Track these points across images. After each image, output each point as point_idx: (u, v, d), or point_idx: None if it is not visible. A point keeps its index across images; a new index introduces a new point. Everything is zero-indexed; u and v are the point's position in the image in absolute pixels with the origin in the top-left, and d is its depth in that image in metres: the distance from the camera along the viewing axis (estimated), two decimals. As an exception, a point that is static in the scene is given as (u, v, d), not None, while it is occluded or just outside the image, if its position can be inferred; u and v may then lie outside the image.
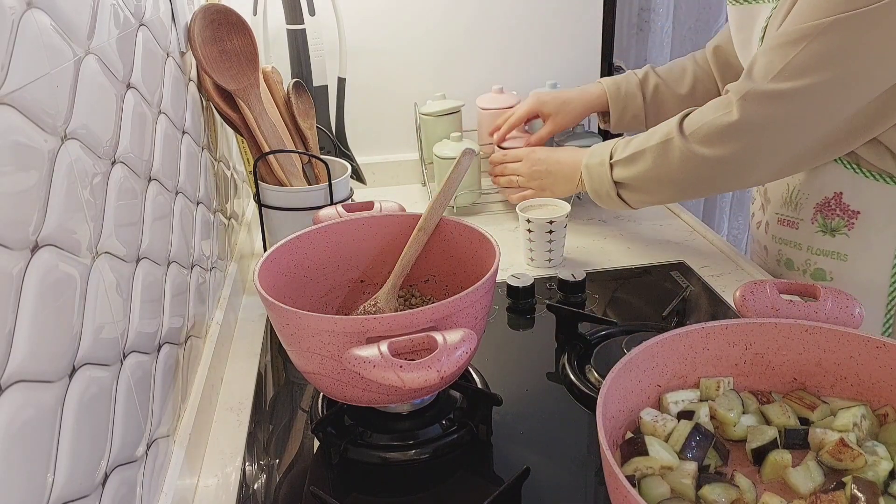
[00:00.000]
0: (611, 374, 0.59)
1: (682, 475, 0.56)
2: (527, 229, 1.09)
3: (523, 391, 0.82)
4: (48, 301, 0.45)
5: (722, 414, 0.63)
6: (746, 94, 0.85)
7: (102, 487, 0.51)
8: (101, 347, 0.53)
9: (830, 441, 0.59)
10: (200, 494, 0.70)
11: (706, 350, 0.66)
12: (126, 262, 0.60)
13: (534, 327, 0.96)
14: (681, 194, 0.98)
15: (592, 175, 1.04)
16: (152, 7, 0.78)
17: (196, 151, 0.91)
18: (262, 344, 0.94)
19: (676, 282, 1.04)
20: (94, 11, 0.59)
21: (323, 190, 1.03)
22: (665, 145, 0.94)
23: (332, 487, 0.69)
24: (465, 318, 0.66)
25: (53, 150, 0.48)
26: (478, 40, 1.44)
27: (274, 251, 0.76)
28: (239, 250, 1.12)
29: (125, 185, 0.62)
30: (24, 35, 0.46)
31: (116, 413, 0.55)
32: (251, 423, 0.79)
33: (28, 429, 0.42)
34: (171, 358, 0.71)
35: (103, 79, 0.59)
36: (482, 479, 0.70)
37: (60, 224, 0.48)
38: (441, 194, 0.79)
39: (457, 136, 1.28)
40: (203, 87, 1.00)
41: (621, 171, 1.00)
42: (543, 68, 1.48)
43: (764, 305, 0.68)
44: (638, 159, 0.97)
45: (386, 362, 0.56)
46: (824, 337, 0.65)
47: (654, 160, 0.95)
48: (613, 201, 1.03)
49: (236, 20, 1.01)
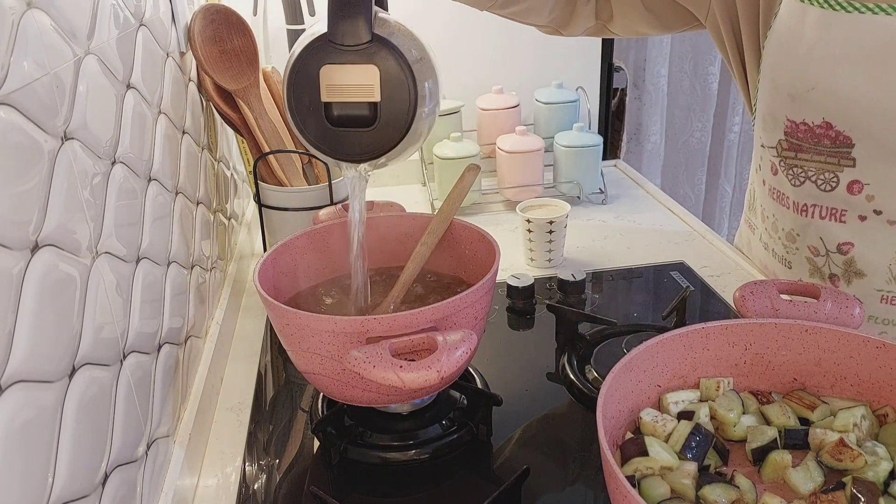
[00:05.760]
0: (611, 374, 0.59)
1: (682, 475, 0.56)
2: (527, 229, 1.09)
3: (523, 391, 0.82)
4: (48, 301, 0.45)
5: (722, 414, 0.63)
6: None
7: (102, 487, 0.51)
8: (101, 347, 0.53)
9: (830, 441, 0.59)
10: (200, 494, 0.70)
11: (706, 350, 0.66)
12: (126, 262, 0.60)
13: (534, 327, 0.96)
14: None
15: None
16: (152, 7, 0.78)
17: (196, 151, 0.91)
18: (262, 344, 0.94)
19: (676, 282, 1.04)
20: (94, 11, 0.59)
21: (323, 190, 1.03)
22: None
23: (332, 487, 0.69)
24: (465, 319, 0.66)
25: (53, 150, 0.48)
26: (478, 40, 1.44)
27: (274, 251, 0.76)
28: (239, 250, 1.12)
29: (125, 186, 0.62)
30: (24, 35, 0.46)
31: (116, 413, 0.55)
32: (251, 423, 0.79)
33: (28, 429, 0.42)
34: (171, 358, 0.71)
35: (103, 79, 0.59)
36: (482, 479, 0.70)
37: (60, 224, 0.48)
38: (445, 211, 0.79)
39: (457, 136, 1.28)
40: (203, 87, 1.00)
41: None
42: (543, 68, 1.48)
43: (764, 305, 0.68)
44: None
45: (386, 362, 0.56)
46: (824, 337, 0.65)
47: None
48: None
49: (236, 20, 1.01)
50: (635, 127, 2.10)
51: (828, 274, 0.88)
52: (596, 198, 1.34)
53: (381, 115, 0.63)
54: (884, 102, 0.75)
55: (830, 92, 0.78)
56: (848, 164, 0.80)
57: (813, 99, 0.80)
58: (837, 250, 0.85)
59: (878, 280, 0.84)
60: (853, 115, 0.77)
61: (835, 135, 0.80)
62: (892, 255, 0.82)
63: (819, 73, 0.79)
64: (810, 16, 0.78)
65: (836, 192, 0.82)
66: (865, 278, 0.85)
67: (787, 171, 0.87)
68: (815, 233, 0.87)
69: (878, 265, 0.83)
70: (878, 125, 0.77)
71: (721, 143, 2.20)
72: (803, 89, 0.80)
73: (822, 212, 0.85)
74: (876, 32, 0.74)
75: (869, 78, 0.76)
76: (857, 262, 0.84)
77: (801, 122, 0.82)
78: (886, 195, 0.80)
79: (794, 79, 0.81)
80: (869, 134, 0.77)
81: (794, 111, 0.82)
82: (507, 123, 1.36)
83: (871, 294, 0.85)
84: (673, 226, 1.24)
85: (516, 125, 1.33)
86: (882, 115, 0.76)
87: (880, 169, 0.79)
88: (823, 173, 0.83)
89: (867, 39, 0.75)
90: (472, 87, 1.44)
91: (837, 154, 0.80)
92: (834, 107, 0.79)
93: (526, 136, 1.29)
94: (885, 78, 0.75)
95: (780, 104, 0.84)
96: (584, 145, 1.29)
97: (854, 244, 0.84)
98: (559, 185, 1.33)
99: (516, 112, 1.38)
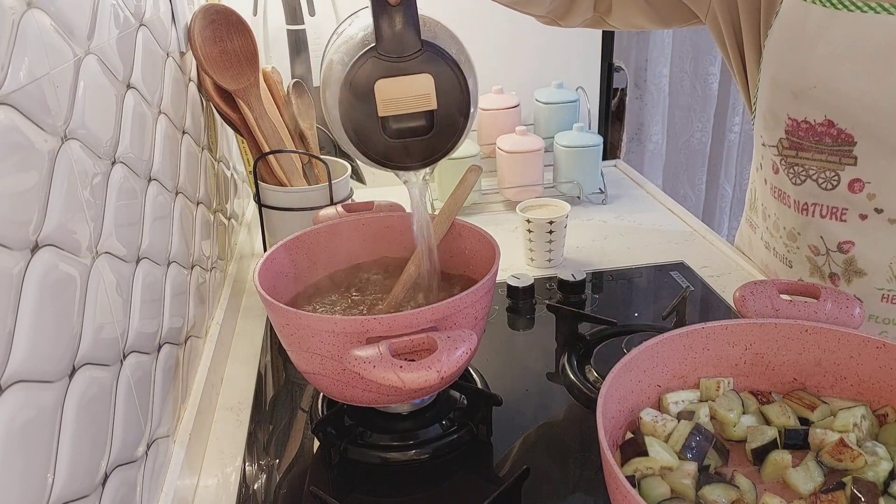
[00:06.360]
0: (611, 374, 0.59)
1: (682, 475, 0.56)
2: (527, 229, 1.09)
3: (523, 391, 0.82)
4: (48, 301, 0.45)
5: (722, 414, 0.63)
6: None
7: (102, 487, 0.51)
8: (102, 347, 0.53)
9: (830, 441, 0.59)
10: (200, 494, 0.70)
11: (706, 350, 0.66)
12: (126, 262, 0.60)
13: (534, 327, 0.96)
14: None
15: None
16: (152, 7, 0.78)
17: (196, 151, 0.91)
18: (262, 344, 0.94)
19: (676, 282, 1.04)
20: (94, 11, 0.59)
21: (323, 190, 1.03)
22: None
23: (332, 487, 0.69)
24: (465, 319, 0.66)
25: (53, 150, 0.48)
26: (478, 40, 1.44)
27: (274, 251, 0.76)
28: (239, 250, 1.12)
29: (125, 186, 0.62)
30: (24, 35, 0.46)
31: (116, 413, 0.55)
32: (251, 423, 0.79)
33: (28, 429, 0.42)
34: (171, 358, 0.71)
35: (103, 79, 0.59)
36: (482, 479, 0.70)
37: (60, 224, 0.48)
38: (445, 211, 0.79)
39: (457, 136, 1.28)
40: (203, 87, 1.00)
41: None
42: (543, 68, 1.48)
43: (764, 305, 0.68)
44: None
45: (386, 363, 0.56)
46: (824, 337, 0.65)
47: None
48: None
49: (236, 20, 1.01)
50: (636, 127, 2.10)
51: (828, 273, 0.88)
52: (596, 198, 1.34)
53: (438, 120, 0.63)
54: (885, 101, 0.75)
55: (832, 90, 0.78)
56: (849, 162, 0.80)
57: (814, 97, 0.80)
58: (838, 249, 0.85)
59: (878, 279, 0.84)
60: (855, 114, 0.77)
61: (836, 133, 0.80)
62: (892, 254, 0.82)
63: (821, 72, 0.79)
64: (812, 14, 0.78)
65: (837, 191, 0.82)
66: (866, 277, 0.85)
67: (788, 170, 0.86)
68: (816, 231, 0.86)
69: (879, 264, 0.83)
70: (879, 123, 0.77)
71: (721, 144, 2.20)
72: (805, 87, 0.80)
73: (822, 210, 0.85)
74: (878, 31, 0.74)
75: (871, 76, 0.76)
76: (858, 261, 0.84)
77: (803, 121, 0.82)
78: (887, 193, 0.80)
79: (796, 77, 0.81)
80: (870, 132, 0.77)
81: (795, 109, 0.82)
82: (507, 123, 1.36)
83: (872, 293, 0.85)
84: (673, 226, 1.24)
85: (516, 125, 1.33)
86: (884, 114, 0.76)
87: (881, 167, 0.79)
88: (824, 172, 0.83)
89: (869, 38, 0.75)
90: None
91: (839, 152, 0.80)
92: (835, 105, 0.79)
93: (526, 136, 1.29)
94: (887, 76, 0.75)
95: (781, 102, 0.84)
96: (584, 145, 1.29)
97: (855, 243, 0.84)
98: (559, 185, 1.33)
99: (516, 112, 1.38)
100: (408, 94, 0.62)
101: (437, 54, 0.61)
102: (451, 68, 0.61)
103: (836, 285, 0.87)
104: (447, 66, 0.61)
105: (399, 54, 0.60)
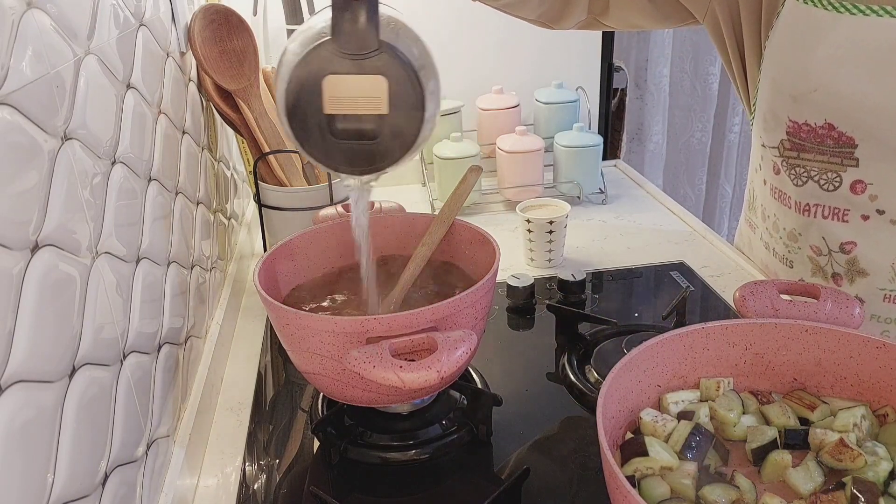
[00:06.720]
0: (611, 374, 0.59)
1: (682, 475, 0.56)
2: (527, 229, 1.09)
3: (523, 391, 0.82)
4: (48, 301, 0.45)
5: (722, 414, 0.63)
6: None
7: (102, 487, 0.51)
8: (101, 347, 0.53)
9: (830, 441, 0.58)
10: (200, 494, 0.70)
11: (706, 350, 0.66)
12: (126, 262, 0.60)
13: (534, 327, 0.96)
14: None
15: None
16: (152, 7, 0.78)
17: (196, 151, 0.91)
18: (262, 344, 0.94)
19: (676, 282, 1.04)
20: (94, 11, 0.59)
21: (323, 190, 1.03)
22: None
23: (332, 487, 0.69)
24: (465, 319, 0.66)
25: (53, 150, 0.48)
26: (478, 40, 1.44)
27: (274, 251, 0.76)
28: (239, 250, 1.12)
29: (125, 186, 0.62)
30: (24, 35, 0.46)
31: (116, 413, 0.55)
32: (251, 423, 0.79)
33: (28, 429, 0.42)
34: (171, 358, 0.71)
35: (103, 79, 0.59)
36: (482, 479, 0.70)
37: (60, 224, 0.48)
38: (446, 211, 0.79)
39: (457, 136, 1.28)
40: (203, 87, 1.00)
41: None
42: (543, 68, 1.48)
43: (764, 305, 0.68)
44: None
45: (386, 363, 0.56)
46: (824, 337, 0.65)
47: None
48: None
49: (236, 20, 1.01)
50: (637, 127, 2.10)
51: (830, 273, 0.88)
52: (596, 198, 1.34)
53: (386, 127, 0.59)
54: (887, 104, 0.75)
55: (833, 93, 0.78)
56: (851, 164, 0.80)
57: (815, 100, 0.80)
58: (840, 250, 0.85)
59: (880, 279, 0.84)
60: (856, 117, 0.77)
61: (837, 135, 0.80)
62: (894, 255, 0.82)
63: (822, 74, 0.79)
64: (813, 17, 0.78)
65: (839, 192, 0.82)
66: (868, 277, 0.85)
67: (790, 171, 0.86)
68: (818, 232, 0.86)
69: (881, 264, 0.83)
70: (881, 126, 0.77)
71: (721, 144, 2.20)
72: (805, 91, 0.80)
73: (824, 211, 0.85)
74: (879, 34, 0.74)
75: (872, 80, 0.76)
76: (860, 262, 0.84)
77: (804, 123, 0.82)
78: (889, 195, 0.80)
79: (797, 80, 0.81)
80: (872, 135, 0.77)
81: (795, 112, 0.82)
82: (507, 123, 1.36)
83: (874, 293, 0.85)
84: (673, 226, 1.24)
85: (516, 125, 1.33)
86: (885, 116, 0.76)
87: (883, 169, 0.79)
88: (826, 173, 0.83)
89: (870, 41, 0.75)
90: (471, 87, 1.44)
91: (840, 154, 0.80)
92: (836, 108, 0.78)
93: (526, 136, 1.29)
94: (888, 80, 0.75)
95: (781, 104, 0.84)
96: (584, 145, 1.29)
97: (857, 244, 0.84)
98: (559, 185, 1.33)
99: (516, 112, 1.38)
100: (358, 94, 0.58)
101: (395, 56, 0.57)
102: (408, 74, 0.57)
103: (839, 285, 0.87)
104: (404, 72, 0.57)
105: (354, 51, 0.57)
